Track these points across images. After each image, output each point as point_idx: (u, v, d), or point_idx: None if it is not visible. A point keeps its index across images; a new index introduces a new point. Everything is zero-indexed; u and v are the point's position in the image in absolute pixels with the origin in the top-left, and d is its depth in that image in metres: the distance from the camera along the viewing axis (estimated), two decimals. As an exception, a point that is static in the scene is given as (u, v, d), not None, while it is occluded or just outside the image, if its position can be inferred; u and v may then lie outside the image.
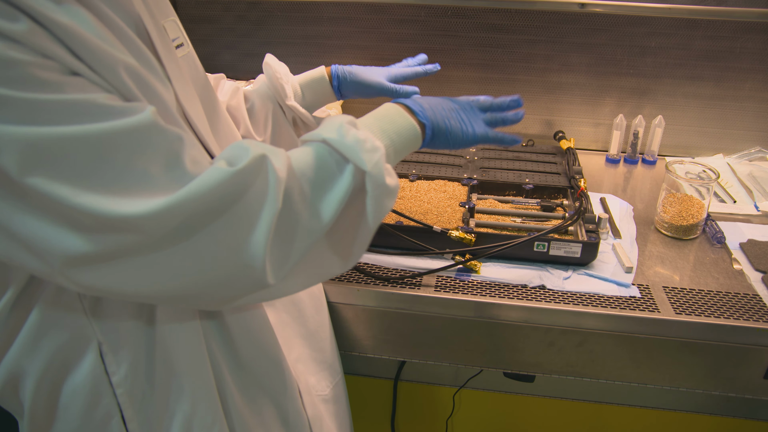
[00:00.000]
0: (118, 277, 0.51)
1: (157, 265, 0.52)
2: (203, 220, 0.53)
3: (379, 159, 0.62)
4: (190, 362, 0.68)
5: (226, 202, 0.53)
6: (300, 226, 0.59)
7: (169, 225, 0.50)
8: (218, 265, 0.54)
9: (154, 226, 0.50)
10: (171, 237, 0.51)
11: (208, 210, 0.53)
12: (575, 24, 1.48)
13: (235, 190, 0.54)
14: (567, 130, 1.59)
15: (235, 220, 0.54)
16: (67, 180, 0.47)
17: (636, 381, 1.02)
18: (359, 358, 1.66)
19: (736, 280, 1.07)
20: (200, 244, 0.53)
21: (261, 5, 1.59)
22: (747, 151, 1.53)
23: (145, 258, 0.51)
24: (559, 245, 1.06)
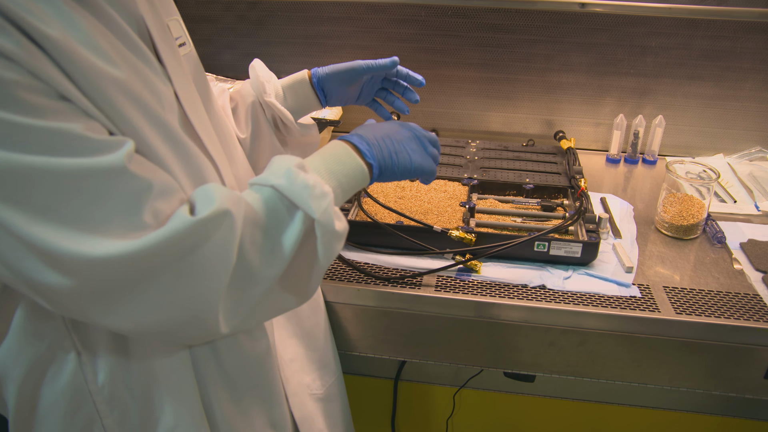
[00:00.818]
0: (77, 307, 0.52)
1: (107, 306, 0.52)
2: (156, 270, 0.52)
3: (327, 205, 0.63)
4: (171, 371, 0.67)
5: (183, 252, 0.53)
6: (253, 275, 0.59)
7: (119, 271, 0.50)
8: (170, 315, 0.54)
9: (103, 270, 0.49)
10: (122, 282, 0.51)
11: (163, 259, 0.52)
12: (575, 24, 1.48)
13: (193, 241, 0.54)
14: (567, 130, 1.59)
15: (190, 271, 0.54)
16: (23, 209, 0.47)
17: (636, 381, 1.02)
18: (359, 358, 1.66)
19: (736, 279, 1.07)
20: (151, 293, 0.52)
21: (261, 5, 1.59)
22: (747, 151, 1.53)
23: (95, 298, 0.51)
24: (560, 245, 1.06)
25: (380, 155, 0.77)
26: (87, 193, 0.49)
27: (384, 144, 0.78)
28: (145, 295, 0.52)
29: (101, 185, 0.49)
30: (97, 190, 0.49)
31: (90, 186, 0.49)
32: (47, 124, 0.46)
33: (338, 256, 1.08)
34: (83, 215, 0.49)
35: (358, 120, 1.65)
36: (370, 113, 1.65)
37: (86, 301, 0.51)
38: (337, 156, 0.73)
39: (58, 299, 0.51)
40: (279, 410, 0.80)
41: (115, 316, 0.52)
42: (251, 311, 0.61)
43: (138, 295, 0.52)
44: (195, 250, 0.54)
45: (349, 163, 0.73)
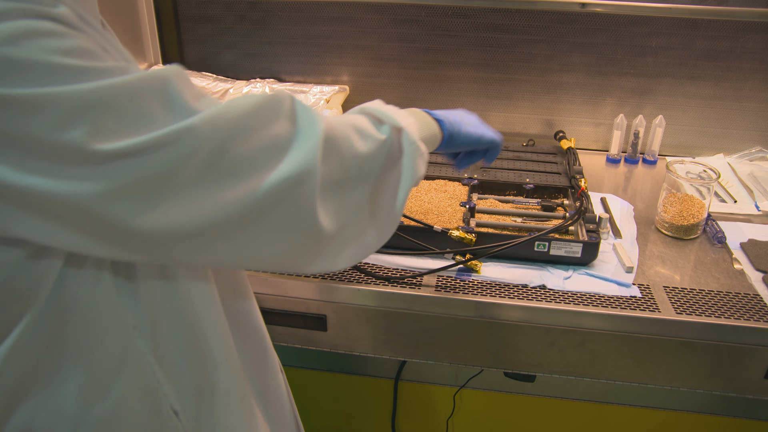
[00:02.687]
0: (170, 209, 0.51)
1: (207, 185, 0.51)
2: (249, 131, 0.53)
3: (412, 123, 0.68)
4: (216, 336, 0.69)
5: (268, 118, 0.54)
6: (346, 166, 0.60)
7: (216, 134, 0.50)
8: (267, 197, 0.54)
9: (206, 130, 0.50)
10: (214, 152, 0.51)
11: (254, 121, 0.53)
12: (576, 24, 1.48)
13: (274, 109, 0.55)
14: (567, 130, 1.59)
15: (276, 141, 0.54)
16: (135, 128, 0.47)
17: (636, 381, 1.02)
18: (359, 358, 1.66)
19: (736, 279, 1.07)
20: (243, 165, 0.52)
21: (261, 5, 1.59)
22: (747, 151, 1.53)
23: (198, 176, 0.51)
24: (560, 245, 1.06)
25: (447, 119, 0.82)
26: (173, 86, 0.51)
27: (448, 114, 0.84)
28: (237, 167, 0.52)
29: (181, 78, 0.52)
30: (181, 81, 0.51)
31: (174, 81, 0.51)
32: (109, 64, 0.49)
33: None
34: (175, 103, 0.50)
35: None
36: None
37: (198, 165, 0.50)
38: (410, 110, 0.78)
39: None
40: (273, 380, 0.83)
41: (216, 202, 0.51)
42: (346, 223, 0.62)
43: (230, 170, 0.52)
44: (276, 120, 0.55)
45: (421, 115, 0.79)
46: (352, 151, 0.62)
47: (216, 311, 0.70)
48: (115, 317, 0.61)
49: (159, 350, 0.64)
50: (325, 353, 1.44)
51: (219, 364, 0.70)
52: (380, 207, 0.67)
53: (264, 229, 0.56)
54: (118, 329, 0.62)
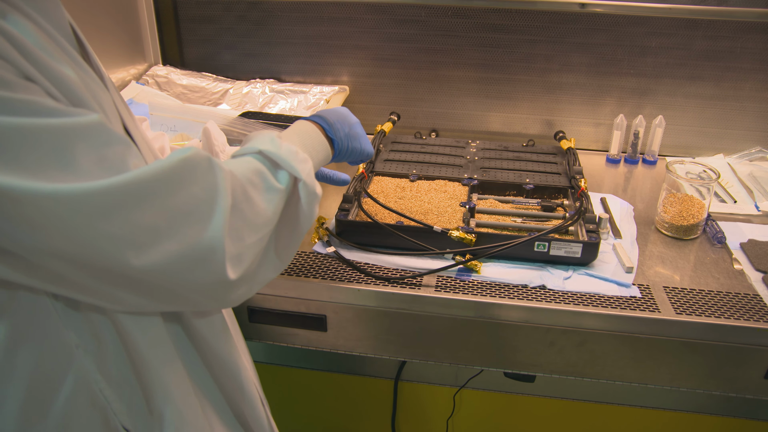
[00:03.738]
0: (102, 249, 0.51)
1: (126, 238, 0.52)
2: (148, 201, 0.53)
3: (310, 169, 0.70)
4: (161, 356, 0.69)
5: (169, 188, 0.54)
6: (248, 223, 0.62)
7: (114, 197, 0.50)
8: (175, 253, 0.54)
9: (102, 197, 0.50)
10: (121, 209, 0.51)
11: (152, 190, 0.53)
12: (575, 24, 1.48)
13: (183, 176, 0.55)
14: (567, 130, 1.59)
15: (182, 210, 0.55)
16: (13, 169, 0.47)
17: (636, 381, 1.02)
18: (359, 358, 1.66)
19: (736, 280, 1.07)
20: (148, 223, 0.53)
21: (261, 5, 1.59)
22: (747, 151, 1.53)
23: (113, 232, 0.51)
24: (560, 245, 1.06)
25: (338, 135, 0.86)
26: (74, 147, 0.50)
27: (340, 126, 0.87)
28: (146, 233, 0.53)
29: (86, 138, 0.51)
30: (84, 142, 0.50)
31: (76, 139, 0.50)
32: (21, 96, 0.48)
33: (338, 255, 1.08)
34: (72, 166, 0.49)
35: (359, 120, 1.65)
36: (367, 114, 1.66)
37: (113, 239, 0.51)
38: (306, 132, 0.82)
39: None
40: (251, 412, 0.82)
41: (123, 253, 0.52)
42: (252, 263, 0.63)
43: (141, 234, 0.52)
44: (182, 188, 0.55)
45: (316, 138, 0.82)
46: (255, 213, 0.63)
47: (159, 338, 0.69)
48: (55, 336, 0.61)
49: (106, 369, 0.64)
50: (325, 353, 1.44)
51: (169, 392, 0.69)
52: (279, 247, 0.69)
53: (175, 291, 0.58)
54: (60, 348, 0.62)
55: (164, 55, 1.70)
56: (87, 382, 0.64)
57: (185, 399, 0.71)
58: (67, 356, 0.62)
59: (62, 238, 0.49)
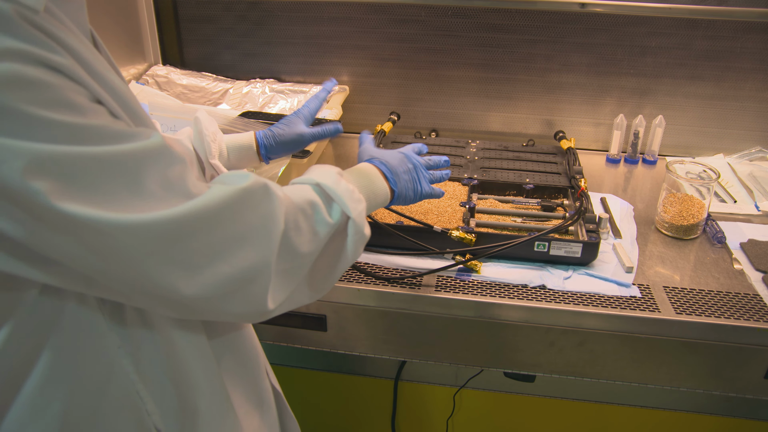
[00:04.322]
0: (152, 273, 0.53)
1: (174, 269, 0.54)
2: (208, 232, 0.55)
3: (362, 210, 0.72)
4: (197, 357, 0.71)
5: (230, 216, 0.56)
6: (296, 254, 0.63)
7: (176, 231, 0.52)
8: (226, 279, 0.56)
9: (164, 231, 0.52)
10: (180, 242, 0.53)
11: (213, 221, 0.55)
12: (575, 24, 1.48)
13: (242, 206, 0.57)
14: (567, 130, 1.59)
15: (240, 238, 0.57)
16: (91, 199, 0.48)
17: (636, 381, 1.02)
18: (359, 358, 1.66)
19: (736, 279, 1.07)
20: (207, 253, 0.55)
21: (261, 5, 1.59)
22: (747, 151, 1.53)
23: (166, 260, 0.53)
24: (560, 245, 1.06)
25: (400, 184, 0.87)
26: (143, 170, 0.52)
27: (401, 175, 0.87)
28: (203, 257, 0.55)
29: (154, 161, 0.53)
30: (152, 165, 0.52)
31: (145, 163, 0.52)
32: (91, 121, 0.49)
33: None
34: (142, 190, 0.51)
35: (358, 120, 1.65)
36: (367, 114, 1.66)
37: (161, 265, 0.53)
38: (368, 175, 0.83)
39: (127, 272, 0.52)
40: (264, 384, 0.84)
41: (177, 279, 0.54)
42: (291, 293, 0.64)
43: (196, 259, 0.54)
44: (241, 215, 0.57)
45: (377, 183, 0.83)
46: (301, 242, 0.64)
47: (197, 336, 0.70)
48: (100, 338, 0.62)
49: (141, 369, 0.65)
50: (325, 353, 1.44)
51: (201, 386, 0.70)
52: (317, 279, 0.70)
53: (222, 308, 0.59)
54: (104, 349, 0.62)
55: (164, 55, 1.70)
56: (125, 383, 0.65)
57: (217, 394, 0.73)
58: (109, 358, 0.63)
59: (124, 263, 0.51)
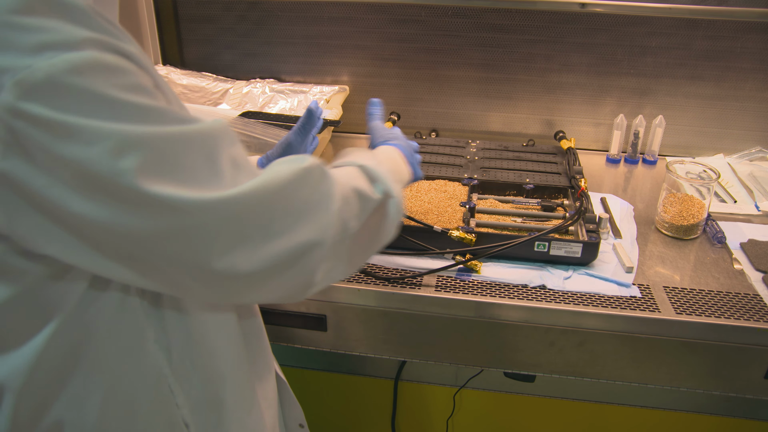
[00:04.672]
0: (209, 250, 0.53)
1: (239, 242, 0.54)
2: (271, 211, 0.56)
3: (400, 189, 0.76)
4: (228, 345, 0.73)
5: (296, 194, 0.58)
6: (346, 230, 0.64)
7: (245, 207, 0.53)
8: (284, 254, 0.57)
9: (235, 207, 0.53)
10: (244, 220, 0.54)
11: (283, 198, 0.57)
12: (576, 24, 1.48)
13: (303, 184, 0.58)
14: (567, 130, 1.59)
15: (306, 212, 0.58)
16: (174, 178, 0.49)
17: (636, 381, 1.02)
18: (359, 358, 1.66)
19: (736, 280, 1.07)
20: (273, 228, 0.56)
21: (261, 5, 1.59)
22: (747, 151, 1.53)
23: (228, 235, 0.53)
24: (560, 245, 1.06)
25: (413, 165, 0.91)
26: (216, 148, 0.53)
27: (413, 156, 0.92)
28: (267, 232, 0.55)
29: (223, 140, 0.54)
30: (222, 143, 0.54)
31: (215, 141, 0.53)
32: (163, 105, 0.51)
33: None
34: (217, 168, 0.53)
35: (358, 120, 1.65)
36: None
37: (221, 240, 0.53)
38: (394, 159, 0.87)
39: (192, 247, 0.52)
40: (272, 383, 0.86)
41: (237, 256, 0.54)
42: (333, 268, 0.65)
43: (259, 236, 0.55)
44: (303, 193, 0.59)
45: (402, 166, 0.88)
46: (352, 217, 0.66)
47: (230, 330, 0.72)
48: (138, 332, 0.63)
49: (174, 364, 0.66)
50: (325, 353, 1.44)
51: (227, 378, 0.71)
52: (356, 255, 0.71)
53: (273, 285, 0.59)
54: (141, 344, 0.63)
55: (164, 55, 1.70)
56: (158, 377, 0.65)
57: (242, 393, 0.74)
58: (145, 351, 0.64)
59: (192, 243, 0.51)
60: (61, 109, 0.44)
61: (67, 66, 0.44)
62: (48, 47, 0.45)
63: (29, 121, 0.44)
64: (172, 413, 0.67)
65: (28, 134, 0.44)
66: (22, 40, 0.44)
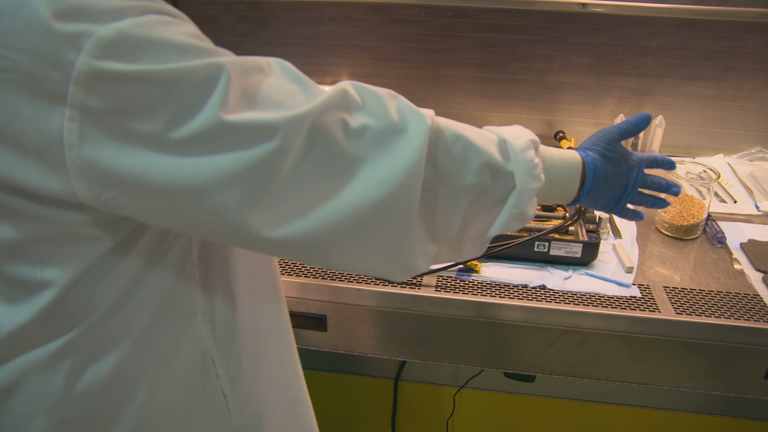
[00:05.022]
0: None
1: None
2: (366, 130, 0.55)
3: (533, 188, 0.61)
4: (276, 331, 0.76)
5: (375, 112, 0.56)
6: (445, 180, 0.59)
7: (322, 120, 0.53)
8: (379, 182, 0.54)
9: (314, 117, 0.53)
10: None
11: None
12: (576, 24, 1.48)
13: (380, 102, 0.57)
14: (567, 130, 1.59)
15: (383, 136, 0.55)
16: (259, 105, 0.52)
17: (636, 381, 1.02)
18: (359, 358, 1.66)
19: (736, 280, 1.07)
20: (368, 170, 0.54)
21: (261, 5, 1.59)
22: (747, 151, 1.53)
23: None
24: (560, 245, 1.06)
25: (595, 193, 0.70)
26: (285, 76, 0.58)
27: (605, 186, 0.71)
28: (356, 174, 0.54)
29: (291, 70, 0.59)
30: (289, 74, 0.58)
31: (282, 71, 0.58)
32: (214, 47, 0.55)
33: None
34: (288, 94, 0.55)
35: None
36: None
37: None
38: (567, 168, 0.68)
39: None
40: None
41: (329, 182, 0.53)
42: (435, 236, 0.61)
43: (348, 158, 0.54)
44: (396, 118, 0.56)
45: (569, 182, 0.68)
46: (457, 177, 0.59)
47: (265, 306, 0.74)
48: (188, 306, 0.64)
49: (217, 336, 0.67)
50: (325, 353, 1.44)
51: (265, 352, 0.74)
52: (466, 238, 0.64)
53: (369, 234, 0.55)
54: (190, 316, 0.64)
55: (164, 55, 1.69)
56: (203, 347, 0.66)
57: (279, 361, 0.77)
58: (193, 323, 0.65)
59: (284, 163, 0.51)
60: (138, 61, 0.45)
61: (134, 22, 0.46)
62: (116, 14, 0.46)
63: (109, 80, 0.45)
64: (212, 384, 0.68)
65: (109, 94, 0.45)
66: (95, 6, 0.45)
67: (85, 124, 0.45)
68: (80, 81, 0.44)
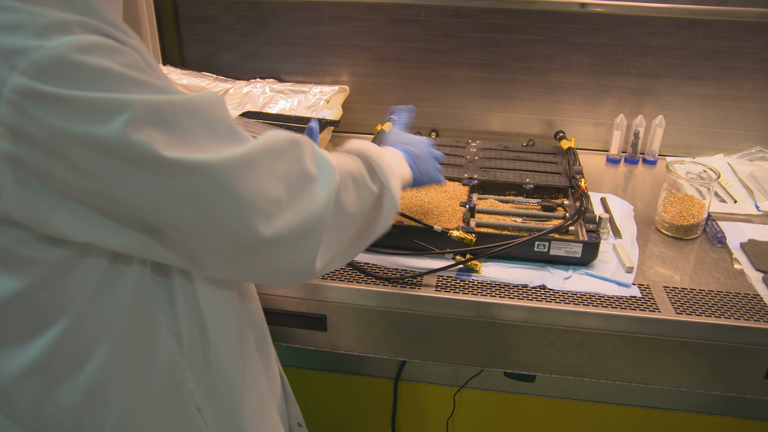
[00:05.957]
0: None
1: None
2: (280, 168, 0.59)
3: (397, 184, 0.78)
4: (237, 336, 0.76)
5: (296, 158, 0.61)
6: (345, 216, 0.67)
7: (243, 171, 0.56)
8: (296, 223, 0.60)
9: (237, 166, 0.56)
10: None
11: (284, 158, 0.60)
12: (576, 24, 1.48)
13: (300, 150, 0.62)
14: (567, 130, 1.59)
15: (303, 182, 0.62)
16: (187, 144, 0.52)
17: (636, 381, 1.02)
18: (359, 358, 1.66)
19: (736, 280, 1.07)
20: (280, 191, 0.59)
21: (262, 5, 1.59)
22: (748, 151, 1.53)
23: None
24: (560, 245, 1.06)
25: (418, 170, 0.95)
26: (211, 115, 0.56)
27: (421, 162, 0.95)
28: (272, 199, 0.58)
29: (219, 107, 0.57)
30: (216, 111, 0.57)
31: (209, 109, 0.56)
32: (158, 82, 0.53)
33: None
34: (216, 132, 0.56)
35: (358, 120, 1.65)
36: (367, 114, 1.66)
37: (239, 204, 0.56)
38: (395, 157, 0.91)
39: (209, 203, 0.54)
40: None
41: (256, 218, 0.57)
42: (334, 256, 0.68)
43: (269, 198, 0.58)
44: (298, 160, 0.62)
45: (403, 166, 0.92)
46: (350, 204, 0.69)
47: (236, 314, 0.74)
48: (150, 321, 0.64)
49: (185, 349, 0.67)
50: (325, 353, 1.44)
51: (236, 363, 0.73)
52: (353, 245, 0.75)
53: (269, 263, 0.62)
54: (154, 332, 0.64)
55: (164, 55, 1.70)
56: (172, 364, 0.66)
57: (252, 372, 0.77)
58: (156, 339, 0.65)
59: (210, 204, 0.53)
60: (75, 87, 0.46)
61: (77, 46, 0.46)
62: (55, 30, 0.46)
63: (44, 100, 0.45)
64: (184, 399, 0.68)
65: (41, 115, 0.45)
66: (32, 22, 0.45)
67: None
68: (12, 100, 0.45)
